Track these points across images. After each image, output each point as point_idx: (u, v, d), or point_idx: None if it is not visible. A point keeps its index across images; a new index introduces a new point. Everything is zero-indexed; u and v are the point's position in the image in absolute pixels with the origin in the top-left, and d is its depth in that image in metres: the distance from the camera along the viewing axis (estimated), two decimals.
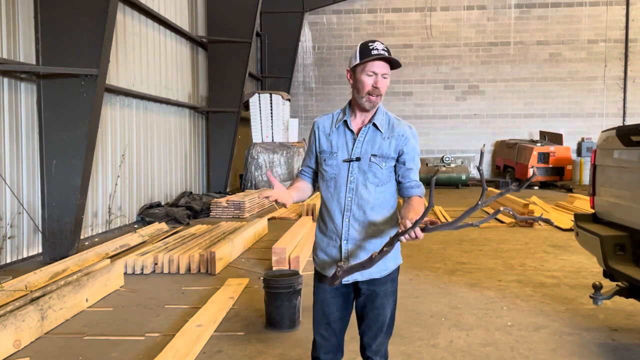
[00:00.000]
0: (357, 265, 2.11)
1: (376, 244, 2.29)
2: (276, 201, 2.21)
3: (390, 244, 2.03)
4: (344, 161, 2.30)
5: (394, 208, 2.38)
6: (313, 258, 2.47)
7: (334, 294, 2.38)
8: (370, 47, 2.22)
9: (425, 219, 1.95)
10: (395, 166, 2.33)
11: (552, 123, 18.94)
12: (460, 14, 19.23)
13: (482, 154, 1.85)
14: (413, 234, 1.94)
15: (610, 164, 3.97)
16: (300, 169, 2.56)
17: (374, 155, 2.27)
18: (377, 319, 2.35)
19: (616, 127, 3.91)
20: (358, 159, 2.28)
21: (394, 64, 2.25)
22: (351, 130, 2.32)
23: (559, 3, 18.87)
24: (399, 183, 2.36)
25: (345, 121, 2.34)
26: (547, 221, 2.02)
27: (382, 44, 2.24)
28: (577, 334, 4.12)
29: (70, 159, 6.68)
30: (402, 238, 1.97)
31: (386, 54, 2.21)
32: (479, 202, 1.86)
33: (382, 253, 2.03)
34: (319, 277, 2.43)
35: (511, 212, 1.86)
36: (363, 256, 2.28)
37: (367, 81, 2.23)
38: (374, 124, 2.30)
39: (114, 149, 9.01)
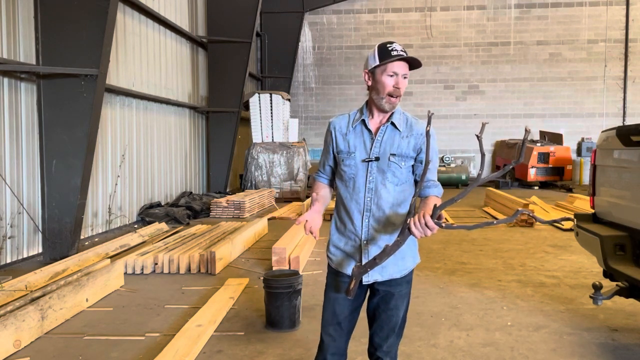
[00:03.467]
0: (371, 261, 2.10)
1: None
2: (310, 230, 2.25)
3: (402, 233, 2.01)
4: (363, 161, 2.28)
5: (413, 207, 2.36)
6: (328, 256, 2.44)
7: None
8: (390, 48, 2.21)
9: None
10: (413, 165, 2.31)
11: (552, 123, 18.95)
12: (460, 14, 19.23)
13: (482, 125, 1.85)
14: (424, 223, 1.94)
15: (610, 164, 3.97)
16: (318, 170, 2.55)
17: (393, 155, 2.26)
18: (390, 320, 2.34)
19: (616, 127, 3.91)
20: (377, 159, 2.26)
21: (413, 64, 2.24)
22: (369, 130, 2.30)
23: (559, 3, 18.87)
24: (416, 182, 2.34)
25: (363, 120, 2.32)
26: (566, 219, 1.97)
27: (399, 45, 2.25)
28: (577, 334, 4.12)
29: (70, 159, 6.68)
30: (415, 231, 1.96)
31: (405, 54, 2.21)
32: (480, 173, 1.86)
33: (396, 244, 2.02)
34: (333, 275, 2.40)
35: (531, 215, 1.87)
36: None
37: (388, 82, 2.21)
38: (392, 123, 2.29)
39: (114, 149, 9.01)
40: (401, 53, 2.20)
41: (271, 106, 14.28)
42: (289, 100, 15.25)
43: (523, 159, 1.75)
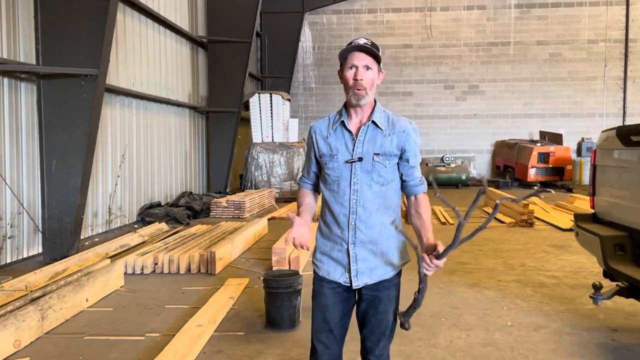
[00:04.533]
0: (410, 308, 2.21)
1: (384, 245, 2.26)
2: (300, 244, 2.28)
3: (422, 281, 2.12)
4: (346, 162, 2.23)
5: (399, 206, 2.33)
6: (314, 263, 2.37)
7: (336, 299, 2.31)
8: (351, 43, 2.19)
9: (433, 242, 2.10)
10: (398, 164, 2.27)
11: (552, 123, 18.94)
12: (460, 14, 19.23)
13: (483, 183, 1.79)
14: (434, 266, 2.05)
15: (610, 164, 3.97)
16: (301, 175, 2.51)
17: (377, 154, 2.21)
18: (380, 323, 2.30)
19: (616, 127, 3.91)
20: (360, 159, 2.21)
21: (372, 54, 2.16)
22: (349, 131, 2.25)
23: (559, 3, 18.87)
24: (403, 181, 2.30)
25: (343, 122, 2.27)
26: (546, 190, 1.84)
27: (366, 39, 2.19)
28: (577, 334, 4.12)
29: (70, 159, 6.68)
30: (429, 273, 2.07)
31: (366, 45, 2.15)
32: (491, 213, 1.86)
33: (421, 291, 2.14)
34: (320, 282, 2.34)
35: (511, 200, 1.89)
36: (371, 259, 2.25)
37: (349, 75, 2.18)
38: (374, 122, 2.23)
39: (114, 149, 9.01)
40: (361, 45, 2.15)
41: (271, 106, 14.28)
42: (289, 100, 15.25)
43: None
